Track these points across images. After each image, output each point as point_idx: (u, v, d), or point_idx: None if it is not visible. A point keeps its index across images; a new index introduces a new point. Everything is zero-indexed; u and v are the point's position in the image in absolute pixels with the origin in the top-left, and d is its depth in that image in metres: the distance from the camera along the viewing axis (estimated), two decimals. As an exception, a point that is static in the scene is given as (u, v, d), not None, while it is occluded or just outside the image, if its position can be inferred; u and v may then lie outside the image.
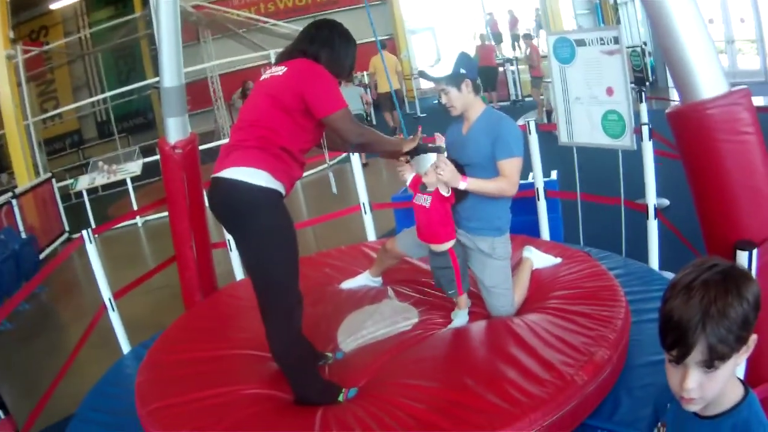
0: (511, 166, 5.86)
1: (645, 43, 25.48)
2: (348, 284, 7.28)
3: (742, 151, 4.73)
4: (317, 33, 5.34)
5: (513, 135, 5.93)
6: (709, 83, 4.76)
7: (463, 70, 6.02)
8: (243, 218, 5.04)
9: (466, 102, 6.07)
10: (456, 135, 6.25)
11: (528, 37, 23.90)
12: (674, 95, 20.18)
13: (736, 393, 2.57)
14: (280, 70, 5.18)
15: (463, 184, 5.72)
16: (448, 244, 5.96)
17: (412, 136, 5.95)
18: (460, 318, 6.13)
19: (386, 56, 22.22)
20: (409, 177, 6.16)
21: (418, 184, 6.02)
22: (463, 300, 6.16)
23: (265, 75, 5.32)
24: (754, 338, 2.47)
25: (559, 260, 6.90)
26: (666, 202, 10.05)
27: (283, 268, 5.13)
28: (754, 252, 4.57)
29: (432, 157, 5.93)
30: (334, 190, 6.98)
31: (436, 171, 5.68)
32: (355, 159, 9.07)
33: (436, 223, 5.90)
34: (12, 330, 10.87)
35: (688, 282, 2.48)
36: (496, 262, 6.10)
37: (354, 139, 5.29)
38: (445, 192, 5.80)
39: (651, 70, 24.29)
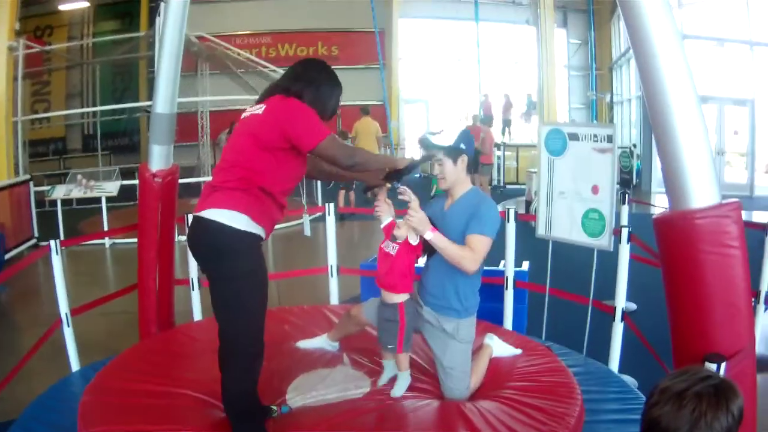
0: (479, 242, 5.84)
1: (635, 145, 25.69)
2: (305, 344, 7.23)
3: (725, 266, 4.74)
4: (304, 72, 5.35)
5: (490, 215, 5.94)
6: (702, 192, 4.78)
7: (463, 146, 6.07)
8: (220, 260, 5.04)
9: (458, 177, 6.10)
10: (437, 209, 6.24)
11: (486, 121, 24.05)
12: (657, 200, 20.37)
13: None
14: (259, 108, 5.18)
15: (429, 234, 5.69)
16: (402, 297, 5.95)
17: (403, 160, 5.85)
18: (401, 381, 6.11)
19: (368, 122, 22.42)
20: (385, 220, 6.10)
21: (391, 230, 5.99)
22: (405, 361, 6.12)
23: (246, 114, 5.31)
24: None
25: (519, 351, 6.86)
26: (633, 306, 10.06)
27: (253, 314, 5.14)
28: (722, 365, 4.55)
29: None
30: (308, 232, 6.93)
31: (407, 215, 5.68)
32: (330, 220, 9.08)
33: (398, 272, 5.87)
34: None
35: (680, 390, 2.53)
36: (457, 344, 6.07)
37: (346, 161, 5.28)
38: (413, 240, 5.79)
39: (637, 173, 24.48)
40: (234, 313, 5.11)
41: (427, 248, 5.92)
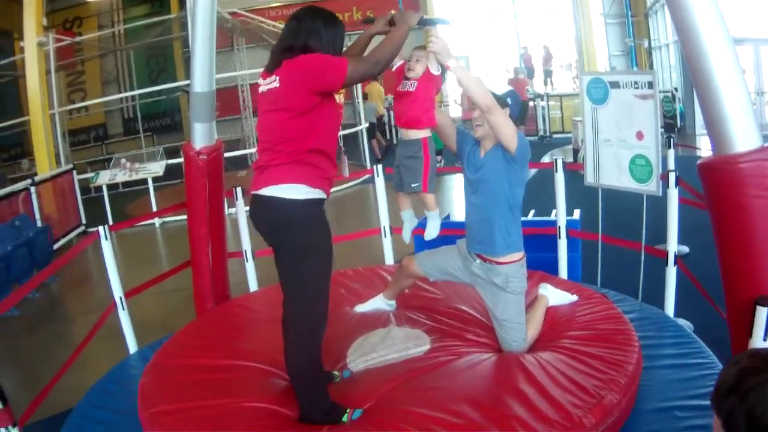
0: (510, 123, 5.77)
1: (676, 89, 25.45)
2: (362, 308, 7.25)
3: (771, 208, 4.69)
4: (300, 25, 5.19)
5: (520, 137, 5.84)
6: (743, 137, 4.74)
7: (509, 100, 5.99)
8: (285, 231, 5.08)
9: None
10: (473, 151, 6.16)
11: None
12: (701, 143, 20.24)
13: None
14: (274, 80, 5.11)
15: (453, 62, 5.56)
16: (425, 133, 5.92)
17: (410, 11, 5.62)
18: (432, 221, 6.09)
19: (376, 86, 23.45)
20: (397, 61, 5.99)
21: (402, 73, 5.94)
22: (432, 201, 6.11)
23: (263, 88, 5.23)
24: None
25: (575, 298, 6.84)
26: (686, 249, 10.00)
27: (319, 279, 5.16)
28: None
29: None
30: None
31: (428, 41, 5.56)
32: (380, 181, 9.08)
33: (419, 107, 5.81)
34: (19, 317, 10.85)
35: None
36: (509, 295, 6.06)
37: (375, 71, 5.25)
38: (434, 70, 5.73)
39: (680, 116, 24.26)
40: (301, 280, 5.12)
41: (462, 158, 6.00)
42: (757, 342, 4.57)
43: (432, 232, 6.19)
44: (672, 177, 7.22)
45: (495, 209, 5.96)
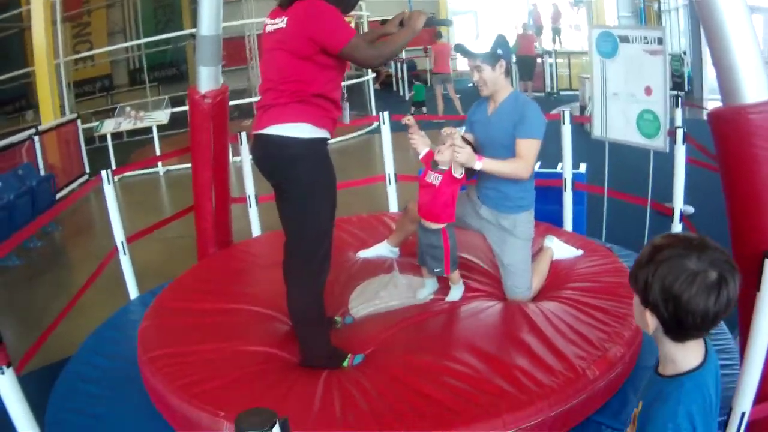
0: (529, 146, 5.84)
1: (685, 53, 25.41)
2: (365, 253, 7.26)
3: (780, 161, 4.66)
4: None
5: (537, 118, 5.92)
6: (754, 88, 4.70)
7: (500, 51, 5.99)
8: (289, 170, 5.06)
9: (497, 83, 6.05)
10: (481, 114, 6.26)
11: (438, 36, 24.03)
12: (709, 106, 20.21)
13: (692, 362, 2.68)
14: (281, 21, 5.05)
15: (479, 164, 5.68)
16: (444, 225, 5.92)
17: (417, 11, 5.58)
18: (455, 291, 6.11)
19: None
20: (422, 150, 6.10)
21: (430, 159, 5.97)
22: (457, 275, 6.12)
23: (269, 27, 5.18)
24: None
25: (580, 252, 6.83)
26: (691, 209, 9.97)
27: (323, 219, 5.17)
28: (783, 261, 4.49)
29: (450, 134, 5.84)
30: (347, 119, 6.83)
31: (453, 152, 5.63)
32: (386, 129, 9.02)
33: (441, 203, 5.87)
34: (21, 266, 10.86)
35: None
36: (516, 240, 6.09)
37: (374, 63, 5.32)
38: (458, 174, 5.77)
39: (688, 80, 24.22)
40: (304, 218, 5.12)
41: (471, 172, 5.91)
42: (765, 296, 4.54)
43: (455, 296, 6.19)
44: (680, 134, 7.18)
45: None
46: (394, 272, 6.68)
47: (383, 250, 7.21)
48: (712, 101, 21.90)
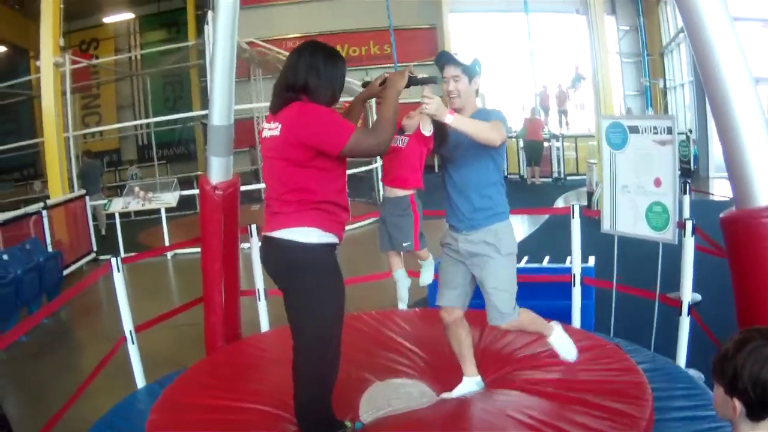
0: (498, 122, 5.71)
1: (690, 131, 25.48)
2: (450, 395, 6.54)
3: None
4: (300, 59, 5.17)
5: (501, 115, 5.86)
6: (766, 191, 4.71)
7: (477, 68, 6.00)
8: (297, 275, 5.08)
9: (470, 98, 6.01)
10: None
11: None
12: (715, 186, 20.18)
13: None
14: (275, 127, 5.07)
15: (450, 117, 5.47)
16: (411, 190, 5.93)
17: (399, 71, 5.58)
18: (427, 269, 6.06)
19: None
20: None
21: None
22: (425, 252, 6.08)
23: (266, 133, 5.20)
24: None
25: (572, 359, 6.55)
26: (698, 297, 9.93)
27: (330, 324, 5.15)
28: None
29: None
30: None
31: (422, 102, 5.45)
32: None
33: (408, 166, 5.85)
34: (28, 343, 10.82)
35: None
36: (500, 258, 5.95)
37: (380, 150, 5.27)
38: (426, 131, 5.75)
39: (694, 158, 24.29)
40: (311, 324, 5.12)
41: (438, 138, 5.89)
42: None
43: (427, 277, 6.17)
44: (689, 226, 7.15)
45: (474, 183, 5.96)
46: (406, 380, 6.63)
47: (469, 386, 6.57)
48: (718, 179, 21.94)
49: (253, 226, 8.40)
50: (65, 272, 14.81)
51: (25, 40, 31.35)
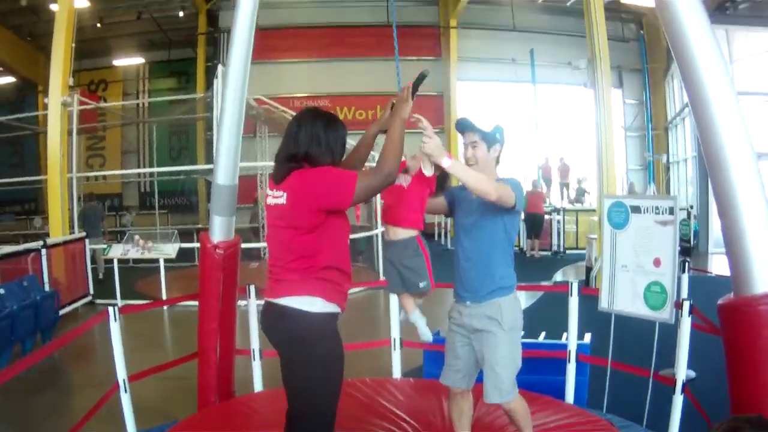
0: (505, 185, 5.74)
1: (691, 206, 25.53)
2: None
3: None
4: (300, 129, 5.18)
5: (515, 182, 5.89)
6: (765, 278, 4.75)
7: (498, 136, 6.03)
8: (298, 346, 5.05)
9: (488, 166, 6.02)
10: (466, 194, 6.06)
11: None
12: (714, 262, 20.28)
13: None
14: (281, 196, 5.10)
15: (447, 161, 5.48)
16: (414, 232, 5.88)
17: (395, 101, 5.62)
18: (419, 324, 6.09)
19: None
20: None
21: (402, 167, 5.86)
22: (412, 304, 6.14)
23: (270, 200, 5.23)
24: None
25: None
26: (692, 374, 9.92)
27: (327, 395, 5.12)
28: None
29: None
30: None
31: (422, 142, 5.47)
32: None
33: (409, 206, 5.81)
34: (19, 379, 10.78)
35: None
36: (503, 334, 5.92)
37: (388, 181, 5.17)
38: (427, 171, 5.70)
39: (694, 234, 24.33)
40: (307, 396, 5.10)
41: (439, 184, 5.91)
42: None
43: (425, 332, 6.16)
44: (686, 306, 7.15)
45: (489, 253, 5.96)
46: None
47: None
48: (717, 254, 21.99)
49: (252, 287, 8.45)
50: (61, 312, 14.79)
51: (34, 73, 31.54)
